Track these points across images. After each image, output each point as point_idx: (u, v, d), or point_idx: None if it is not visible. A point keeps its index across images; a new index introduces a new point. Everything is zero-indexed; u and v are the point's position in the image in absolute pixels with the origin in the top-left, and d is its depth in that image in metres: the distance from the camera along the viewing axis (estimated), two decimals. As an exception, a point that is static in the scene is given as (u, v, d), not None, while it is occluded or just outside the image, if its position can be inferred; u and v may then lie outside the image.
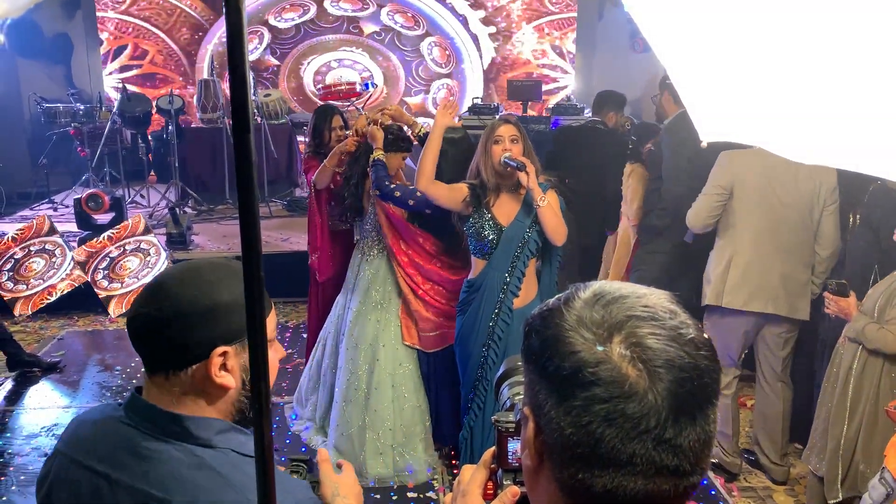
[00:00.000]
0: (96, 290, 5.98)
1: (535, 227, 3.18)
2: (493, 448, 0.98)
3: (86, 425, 1.21)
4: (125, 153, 8.25)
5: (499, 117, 4.21)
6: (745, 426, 4.04)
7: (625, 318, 0.72)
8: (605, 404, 0.68)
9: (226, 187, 7.98)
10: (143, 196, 8.08)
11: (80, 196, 6.63)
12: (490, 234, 3.21)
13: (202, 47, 9.82)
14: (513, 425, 0.94)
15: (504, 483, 0.95)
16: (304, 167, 4.52)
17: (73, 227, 6.68)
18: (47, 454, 4.37)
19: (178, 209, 6.98)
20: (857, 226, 3.57)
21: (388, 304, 3.73)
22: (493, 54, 10.17)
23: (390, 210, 3.63)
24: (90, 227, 6.54)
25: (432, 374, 3.75)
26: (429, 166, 3.20)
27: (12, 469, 3.79)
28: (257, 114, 8.06)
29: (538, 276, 3.33)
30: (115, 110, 7.98)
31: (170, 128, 7.87)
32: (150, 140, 8.72)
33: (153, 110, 8.52)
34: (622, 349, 0.70)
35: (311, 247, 4.30)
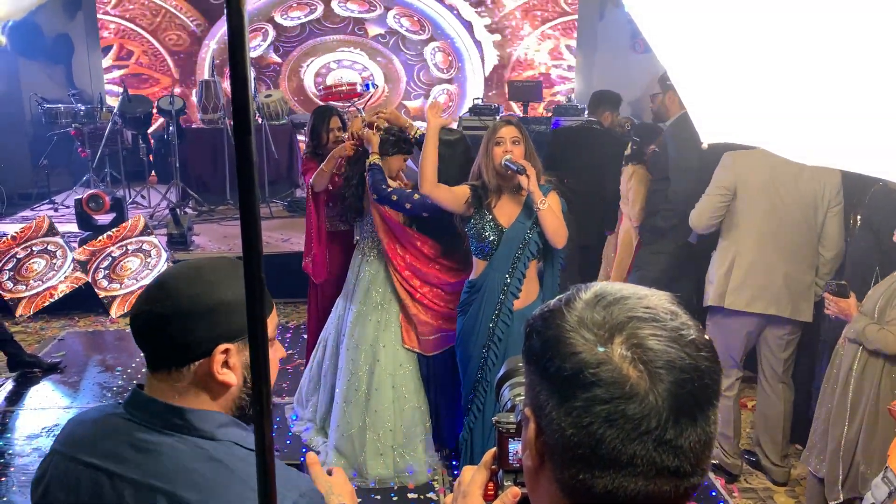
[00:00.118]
0: (96, 289, 5.98)
1: (536, 229, 3.17)
2: (494, 449, 0.98)
3: (84, 424, 1.21)
4: (126, 154, 8.25)
5: (500, 118, 4.20)
6: (745, 427, 4.04)
7: (626, 320, 0.72)
8: (606, 405, 0.68)
9: (226, 188, 7.99)
10: (143, 197, 8.09)
11: (80, 197, 6.64)
12: (491, 236, 3.20)
13: (202, 48, 9.82)
14: (514, 426, 0.94)
15: (505, 484, 0.95)
16: (302, 169, 4.52)
17: (74, 228, 6.69)
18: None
19: (178, 210, 6.99)
20: (857, 227, 3.56)
21: (388, 304, 3.72)
22: (495, 62, 10.16)
23: (387, 213, 3.63)
24: (91, 228, 6.55)
25: (432, 376, 3.75)
26: (429, 170, 3.19)
27: (13, 469, 3.79)
28: (258, 114, 8.06)
29: (540, 278, 3.33)
30: (115, 111, 7.99)
31: (170, 128, 7.88)
32: (151, 140, 8.72)
33: (154, 111, 8.53)
34: (623, 350, 0.70)
35: (306, 249, 4.30)
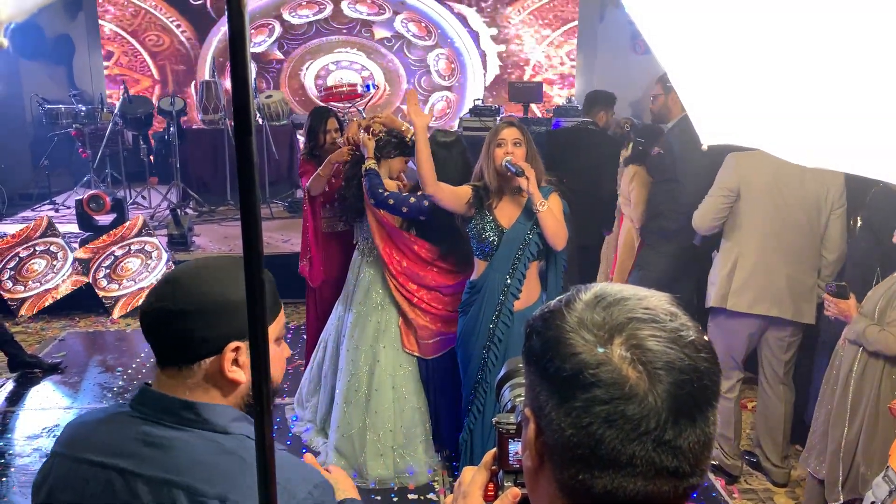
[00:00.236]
0: (97, 289, 5.99)
1: (536, 230, 3.17)
2: (494, 449, 0.98)
3: (87, 425, 1.20)
4: (126, 154, 8.26)
5: (502, 119, 4.20)
6: (745, 428, 4.04)
7: (625, 320, 0.72)
8: (606, 406, 0.68)
9: (227, 188, 7.99)
10: (144, 197, 8.09)
11: (81, 197, 6.64)
12: (491, 236, 3.21)
13: (203, 48, 9.82)
14: (514, 427, 0.94)
15: (505, 484, 0.95)
16: (299, 171, 4.49)
17: (75, 228, 6.69)
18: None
19: (179, 210, 6.99)
20: (858, 228, 3.56)
21: (388, 305, 3.72)
22: (497, 72, 10.16)
23: (384, 217, 3.63)
24: (92, 229, 6.55)
25: (431, 378, 3.75)
26: (427, 171, 3.18)
27: (13, 470, 3.79)
28: (259, 115, 8.06)
29: (544, 280, 3.33)
30: (116, 111, 7.99)
31: (171, 129, 7.88)
32: (152, 141, 8.73)
33: (155, 112, 8.53)
34: (623, 351, 0.70)
35: (302, 252, 4.30)
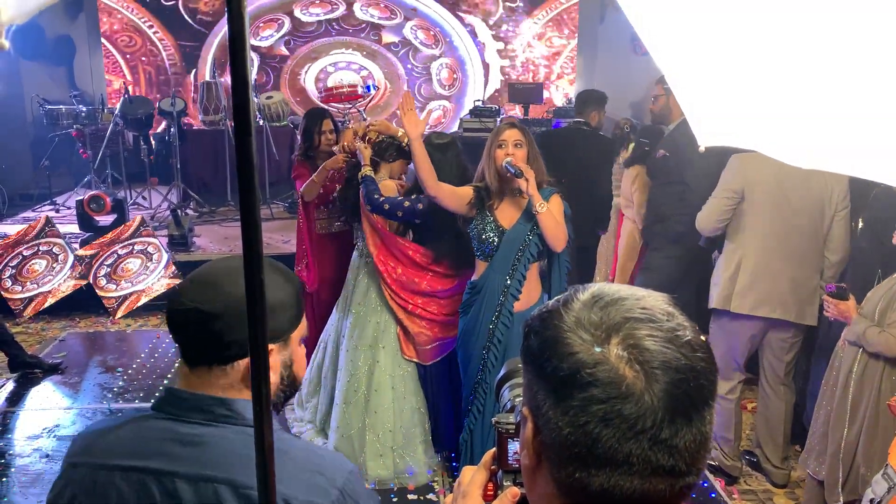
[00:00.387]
0: (97, 289, 5.99)
1: (536, 231, 3.17)
2: (494, 449, 0.99)
3: (104, 433, 1.19)
4: (127, 155, 8.25)
5: (503, 120, 4.20)
6: (745, 429, 4.04)
7: (623, 320, 0.72)
8: (603, 405, 0.69)
9: (227, 189, 8.00)
10: (144, 198, 8.09)
11: (82, 198, 6.64)
12: (492, 237, 3.21)
13: (203, 49, 9.82)
14: (513, 427, 0.95)
15: (504, 484, 0.96)
16: (293, 174, 4.44)
17: (75, 229, 6.69)
18: (49, 455, 4.27)
19: (179, 211, 6.99)
20: (860, 229, 3.56)
21: (387, 305, 3.73)
22: (497, 85, 10.16)
23: (377, 223, 3.63)
24: (92, 229, 6.55)
25: (430, 379, 3.75)
26: (426, 174, 3.18)
27: (13, 470, 3.79)
28: (259, 116, 8.07)
29: (545, 281, 3.33)
30: (116, 112, 8.00)
31: (171, 130, 7.88)
32: (153, 142, 8.72)
33: (155, 112, 8.53)
34: (620, 350, 0.70)
35: (298, 256, 4.29)
